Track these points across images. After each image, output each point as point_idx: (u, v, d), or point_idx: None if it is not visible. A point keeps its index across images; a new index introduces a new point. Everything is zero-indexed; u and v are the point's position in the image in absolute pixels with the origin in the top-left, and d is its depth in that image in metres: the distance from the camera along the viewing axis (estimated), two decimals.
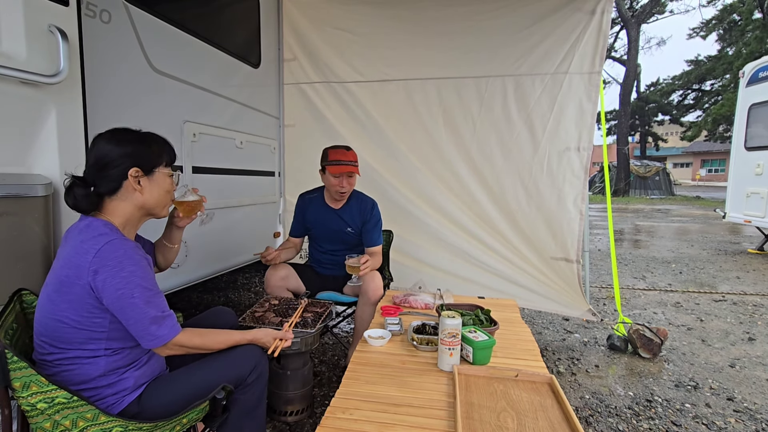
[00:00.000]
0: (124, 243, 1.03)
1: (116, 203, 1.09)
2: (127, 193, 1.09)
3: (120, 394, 1.05)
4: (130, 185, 1.08)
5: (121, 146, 1.09)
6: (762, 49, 15.78)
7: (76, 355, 1.01)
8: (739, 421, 1.90)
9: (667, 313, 3.38)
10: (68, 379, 1.00)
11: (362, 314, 1.99)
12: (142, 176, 1.10)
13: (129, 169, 1.07)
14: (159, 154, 1.15)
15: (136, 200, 1.11)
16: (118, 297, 0.98)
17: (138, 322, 1.02)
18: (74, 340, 1.00)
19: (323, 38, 3.08)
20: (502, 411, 1.08)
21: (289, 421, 1.74)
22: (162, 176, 1.15)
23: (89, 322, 1.00)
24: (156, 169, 1.13)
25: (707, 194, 19.75)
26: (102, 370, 1.03)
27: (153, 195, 1.13)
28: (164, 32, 1.98)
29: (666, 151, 37.64)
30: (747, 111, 5.92)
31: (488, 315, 1.67)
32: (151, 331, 1.03)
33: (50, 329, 1.00)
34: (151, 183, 1.12)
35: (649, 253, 5.96)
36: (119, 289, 0.98)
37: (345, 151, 2.11)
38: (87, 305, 0.99)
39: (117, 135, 1.11)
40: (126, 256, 1.01)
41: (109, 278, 0.97)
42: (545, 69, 2.69)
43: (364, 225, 2.20)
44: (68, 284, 0.99)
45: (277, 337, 1.36)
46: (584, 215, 2.68)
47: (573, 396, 2.09)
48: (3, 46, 1.16)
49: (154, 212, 1.18)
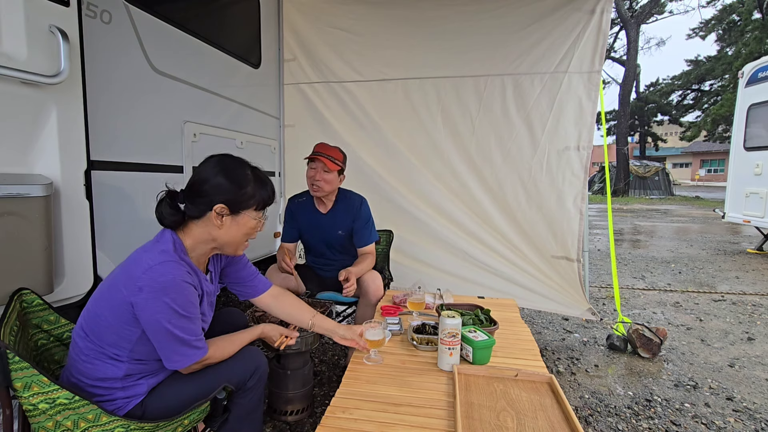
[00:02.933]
0: (178, 267, 1.04)
1: (195, 228, 1.12)
2: (208, 222, 1.11)
3: (131, 398, 1.07)
4: (213, 217, 1.10)
5: (219, 177, 1.10)
6: (761, 49, 15.78)
7: (103, 352, 1.04)
8: (738, 420, 1.90)
9: (666, 312, 3.38)
10: (89, 371, 1.03)
11: (362, 314, 2.00)
12: (228, 214, 1.11)
13: (217, 204, 1.09)
14: (251, 196, 1.13)
15: (213, 233, 1.12)
16: (154, 321, 1.01)
17: (167, 347, 1.04)
18: (105, 339, 1.04)
19: (322, 38, 3.08)
20: (501, 410, 1.09)
21: (289, 420, 1.74)
22: (247, 219, 1.15)
23: (120, 329, 1.03)
24: (244, 211, 1.13)
25: (706, 194, 19.76)
26: (122, 374, 1.05)
27: (230, 234, 1.14)
28: (165, 33, 1.98)
29: (665, 152, 37.66)
30: (746, 111, 5.93)
31: (488, 315, 1.67)
32: (181, 352, 1.05)
33: (91, 316, 1.05)
34: (233, 223, 1.13)
35: (648, 253, 5.96)
36: (157, 312, 1.00)
37: (329, 147, 2.07)
38: (124, 314, 1.02)
39: (223, 163, 1.12)
40: (173, 282, 1.02)
41: (150, 299, 0.99)
42: (544, 68, 2.69)
43: (354, 224, 2.15)
44: (116, 288, 1.03)
45: (283, 333, 1.40)
46: (584, 215, 2.68)
47: (572, 395, 2.09)
48: (4, 46, 1.16)
49: (224, 250, 1.18)
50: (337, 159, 2.06)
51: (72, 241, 1.38)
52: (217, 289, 1.29)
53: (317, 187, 2.04)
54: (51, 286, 1.27)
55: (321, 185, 2.03)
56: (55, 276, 1.30)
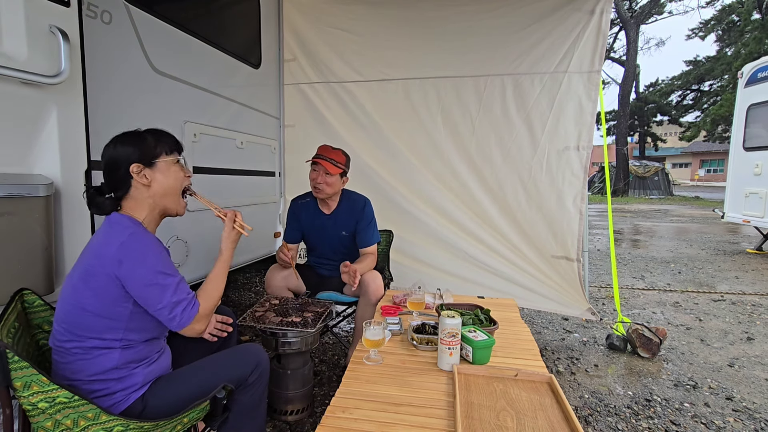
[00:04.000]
0: (147, 235, 1.10)
1: (132, 202, 1.14)
2: (138, 190, 1.14)
3: (128, 390, 1.07)
4: (138, 181, 1.12)
5: (119, 148, 1.13)
6: (761, 49, 15.80)
7: (93, 345, 1.04)
8: (738, 420, 1.90)
9: (666, 312, 3.39)
10: (82, 368, 1.03)
11: (362, 314, 2.00)
12: (145, 168, 1.13)
13: (130, 166, 1.11)
14: (155, 145, 1.16)
15: (147, 193, 1.14)
16: (144, 286, 1.04)
17: (164, 308, 1.06)
18: (94, 328, 1.04)
19: (322, 38, 3.09)
20: (501, 410, 1.09)
21: (289, 420, 1.74)
22: (166, 166, 1.17)
23: (111, 311, 1.04)
24: (156, 159, 1.16)
25: (706, 194, 19.77)
26: (115, 363, 1.06)
27: (162, 185, 1.16)
28: (165, 33, 1.98)
29: (665, 152, 37.66)
30: (746, 111, 5.93)
31: (488, 315, 1.67)
32: (177, 313, 1.08)
33: (72, 316, 1.04)
34: (156, 174, 1.15)
35: (648, 253, 5.97)
36: (143, 277, 1.04)
37: (331, 149, 2.08)
38: (111, 294, 1.03)
39: (116, 139, 1.16)
40: (149, 247, 1.07)
41: (134, 267, 1.03)
42: (544, 68, 2.70)
43: (357, 224, 2.17)
44: (93, 273, 1.03)
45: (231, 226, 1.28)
46: (584, 215, 2.68)
47: (572, 395, 2.09)
48: (4, 46, 1.16)
49: (168, 208, 1.20)
50: (339, 162, 2.06)
51: (72, 241, 1.38)
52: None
53: (319, 190, 2.06)
54: (51, 286, 1.28)
55: (323, 188, 2.05)
56: (56, 276, 1.31)
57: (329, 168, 2.02)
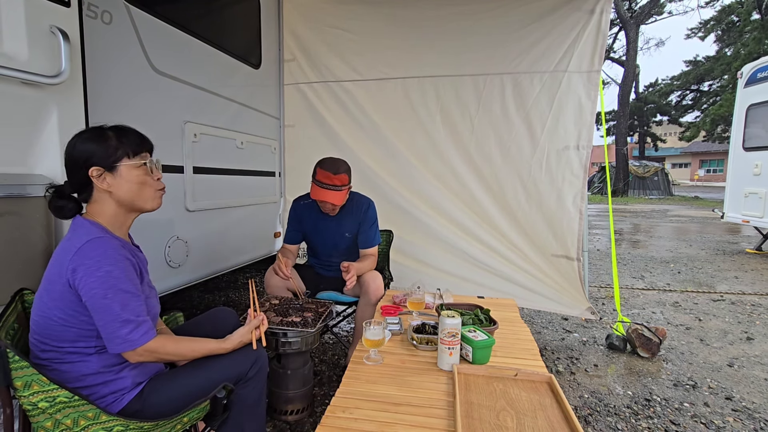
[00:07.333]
0: (107, 242, 1.00)
1: (96, 206, 1.06)
2: (99, 193, 1.06)
3: (118, 392, 1.05)
4: (98, 184, 1.04)
5: (78, 147, 1.04)
6: (760, 49, 15.82)
7: (69, 352, 1.01)
8: (737, 420, 1.90)
9: (665, 312, 3.39)
10: (63, 377, 1.00)
11: (362, 314, 2.00)
12: (104, 172, 1.04)
13: (89, 169, 1.02)
14: (116, 147, 1.05)
15: (110, 198, 1.06)
16: (92, 296, 0.96)
17: (108, 324, 0.98)
18: (65, 338, 1.00)
19: (321, 38, 3.09)
20: (501, 410, 1.09)
21: (289, 420, 1.74)
22: (128, 170, 1.06)
23: (75, 320, 0.99)
24: (118, 164, 1.05)
25: (706, 194, 19.78)
26: (95, 368, 1.02)
27: (123, 190, 1.06)
28: (165, 33, 1.99)
29: (664, 152, 37.70)
30: (745, 111, 5.94)
31: (488, 314, 1.67)
32: (121, 335, 0.98)
33: (41, 327, 1.01)
34: (117, 178, 1.05)
35: (647, 253, 5.97)
36: (93, 288, 0.96)
37: (332, 175, 1.96)
38: (71, 303, 0.98)
39: (77, 136, 1.06)
40: (105, 255, 0.98)
41: (86, 277, 0.96)
42: (544, 67, 2.69)
43: (360, 226, 2.17)
44: (53, 282, 0.99)
45: (251, 329, 1.27)
46: (583, 214, 2.68)
47: (572, 395, 2.10)
48: (5, 46, 1.16)
49: (138, 207, 1.11)
50: (344, 185, 2.01)
51: None
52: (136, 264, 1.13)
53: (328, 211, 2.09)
54: None
55: (330, 209, 2.08)
56: None
57: (336, 201, 1.99)
